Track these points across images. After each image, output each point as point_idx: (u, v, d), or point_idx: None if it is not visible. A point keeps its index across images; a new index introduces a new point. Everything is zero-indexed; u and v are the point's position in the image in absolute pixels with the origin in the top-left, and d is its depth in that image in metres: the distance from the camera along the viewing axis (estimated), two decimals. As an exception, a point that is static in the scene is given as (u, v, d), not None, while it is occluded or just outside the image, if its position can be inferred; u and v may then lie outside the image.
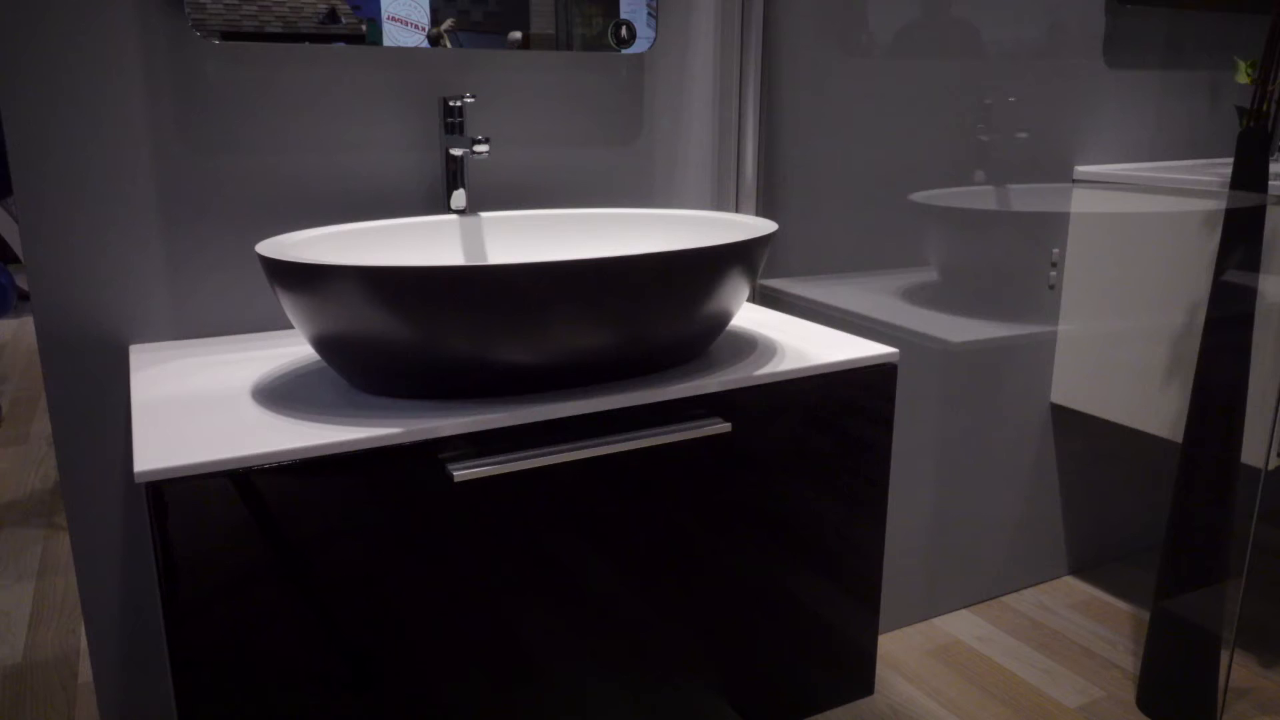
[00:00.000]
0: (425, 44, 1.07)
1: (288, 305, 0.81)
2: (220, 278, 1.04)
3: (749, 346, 1.01)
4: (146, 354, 0.97)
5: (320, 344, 0.82)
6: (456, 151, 1.08)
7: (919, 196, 1.48)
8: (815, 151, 1.38)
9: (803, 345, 1.01)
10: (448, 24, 1.08)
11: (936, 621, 1.69)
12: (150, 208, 0.99)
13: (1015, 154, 1.56)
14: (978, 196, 1.54)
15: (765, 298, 1.40)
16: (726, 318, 0.93)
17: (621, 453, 0.85)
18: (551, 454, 0.81)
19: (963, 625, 1.67)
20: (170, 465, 0.69)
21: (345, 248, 0.97)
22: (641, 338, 0.85)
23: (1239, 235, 1.30)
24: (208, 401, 0.82)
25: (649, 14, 1.19)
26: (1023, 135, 1.55)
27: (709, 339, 0.94)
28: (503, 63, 1.13)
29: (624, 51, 1.19)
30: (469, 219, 1.08)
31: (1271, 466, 1.39)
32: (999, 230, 1.58)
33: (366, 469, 0.75)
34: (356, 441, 0.75)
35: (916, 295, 1.53)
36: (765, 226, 0.98)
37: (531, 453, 0.80)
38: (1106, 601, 1.76)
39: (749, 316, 1.15)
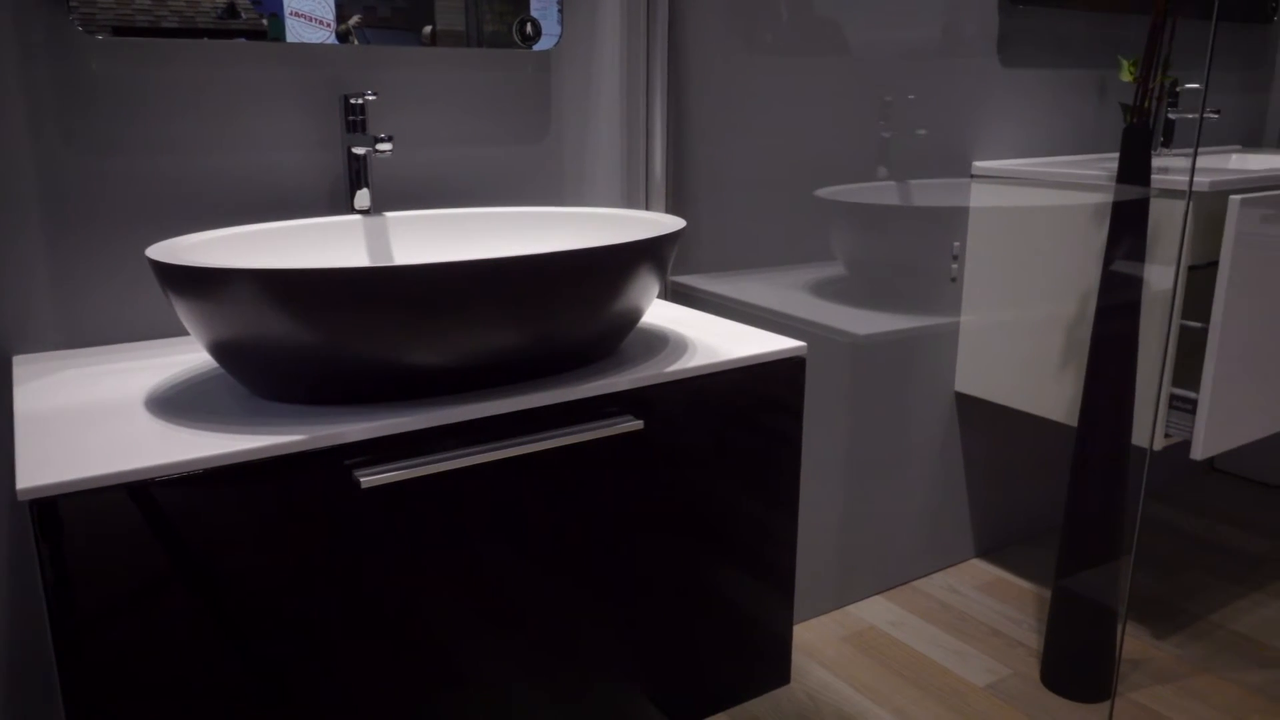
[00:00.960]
0: (332, 40, 1.04)
1: (182, 312, 0.78)
2: (110, 284, 0.99)
3: (660, 343, 1.01)
4: (31, 365, 0.92)
5: (217, 351, 0.79)
6: (359, 150, 1.05)
7: (824, 192, 1.51)
8: (724, 148, 1.39)
9: (713, 341, 1.02)
10: (354, 20, 1.05)
11: (851, 609, 1.72)
12: (32, 211, 0.94)
13: (916, 150, 1.60)
14: (881, 192, 1.58)
15: (677, 294, 1.40)
16: (637, 315, 0.93)
17: (533, 453, 0.85)
18: (461, 457, 0.79)
19: (876, 611, 1.71)
20: (57, 481, 0.66)
21: (242, 250, 0.94)
22: (551, 337, 0.84)
23: (1125, 227, 1.36)
24: (98, 413, 0.79)
25: (559, 11, 1.18)
26: (922, 132, 1.59)
27: (620, 337, 0.94)
28: (407, 59, 1.11)
29: (529, 49, 1.18)
30: (373, 219, 1.06)
31: (1159, 447, 1.46)
32: (902, 224, 1.62)
33: (270, 478, 0.73)
34: (258, 450, 0.72)
35: (824, 289, 1.56)
36: (674, 223, 0.99)
37: (440, 456, 0.79)
38: (1011, 582, 1.82)
39: (660, 313, 1.16)
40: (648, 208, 1.32)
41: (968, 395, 1.78)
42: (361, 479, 0.75)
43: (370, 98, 1.05)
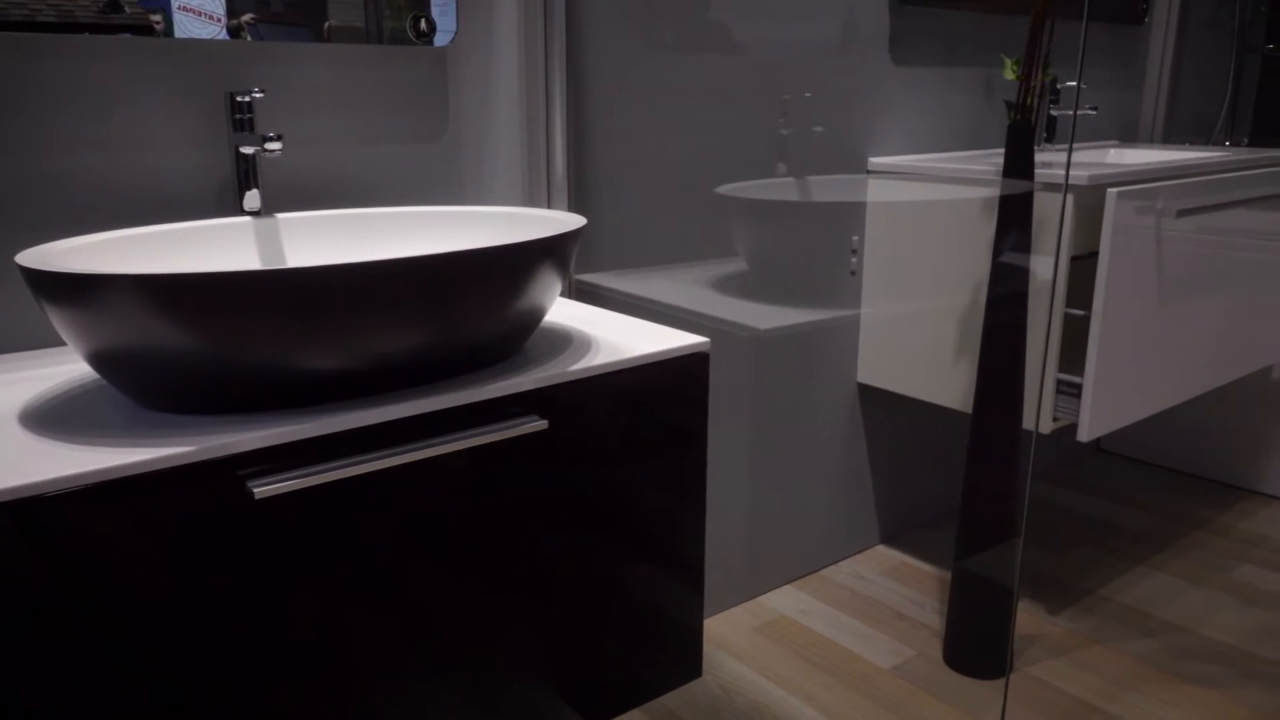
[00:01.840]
0: (224, 35, 1.00)
1: (58, 321, 0.74)
2: (-21, 292, 0.94)
3: (564, 342, 1.01)
4: (-109, 380, 0.87)
5: (98, 361, 0.75)
6: (247, 150, 1.02)
7: (725, 189, 1.52)
8: (626, 146, 1.39)
9: (617, 338, 1.02)
10: (248, 16, 1.02)
11: (762, 599, 1.75)
12: (-113, 216, 0.88)
13: (813, 147, 1.63)
14: (781, 188, 1.60)
15: (581, 292, 1.40)
16: (540, 314, 0.93)
17: (436, 457, 0.83)
18: (361, 463, 0.78)
19: (786, 600, 1.74)
20: (-81, 503, 0.62)
21: (123, 255, 0.90)
22: (452, 338, 0.83)
23: (1012, 219, 1.41)
24: (-34, 430, 0.74)
25: (455, 7, 1.16)
26: (819, 129, 1.62)
27: (523, 336, 0.93)
28: (300, 56, 1.08)
29: (424, 45, 1.16)
30: (264, 221, 1.02)
31: (1047, 431, 1.53)
32: (801, 220, 1.65)
33: (158, 492, 0.70)
34: (144, 463, 0.69)
35: (727, 285, 1.57)
36: (574, 221, 0.98)
37: (338, 463, 0.77)
38: (914, 566, 1.87)
39: (564, 312, 1.15)
40: (550, 206, 1.31)
41: (869, 386, 1.83)
42: (255, 489, 0.72)
43: (257, 95, 1.01)
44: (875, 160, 1.72)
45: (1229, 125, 2.55)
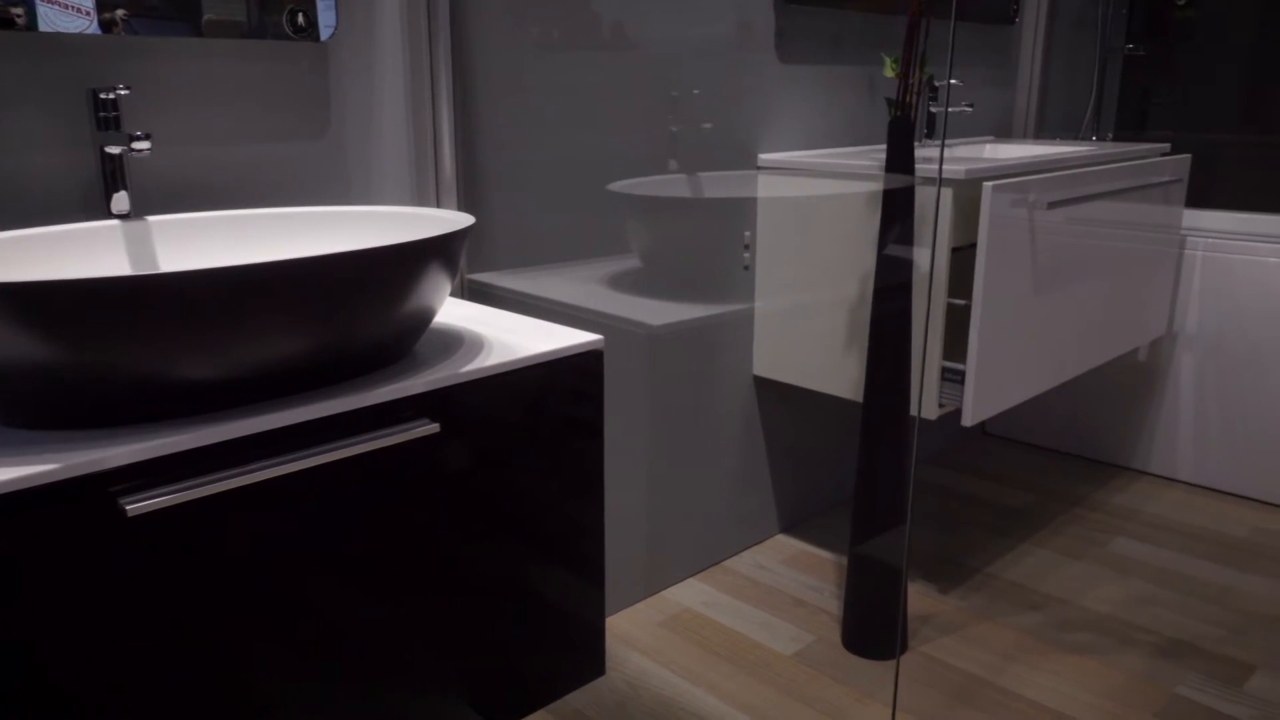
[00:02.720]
0: (95, 30, 0.95)
1: (-99, 333, 0.69)
2: None
3: (456, 343, 0.99)
4: None
5: (-51, 375, 0.71)
6: (113, 149, 0.97)
7: (617, 186, 1.53)
8: (516, 143, 1.38)
9: (510, 338, 1.01)
10: (121, 11, 0.96)
11: (665, 594, 1.76)
12: None
13: (704, 143, 1.64)
14: (672, 185, 1.62)
15: (474, 292, 1.38)
16: (429, 315, 0.91)
17: (324, 465, 0.81)
18: (242, 475, 0.75)
19: (689, 593, 1.76)
20: None
21: (-22, 262, 0.85)
22: (337, 342, 0.81)
23: (895, 213, 1.46)
24: None
25: (337, 2, 1.13)
26: (707, 126, 1.64)
27: (412, 338, 0.91)
28: (173, 51, 1.03)
29: (303, 40, 1.13)
30: (134, 224, 0.98)
31: (934, 417, 1.58)
32: (693, 216, 1.66)
33: (22, 513, 0.66)
34: (9, 483, 0.65)
35: (621, 282, 1.58)
36: (463, 220, 0.97)
37: (219, 475, 0.74)
38: (813, 553, 1.91)
39: (456, 312, 1.13)
40: (439, 205, 1.29)
41: (765, 378, 1.86)
42: (128, 507, 0.69)
43: (123, 92, 0.97)
44: (765, 156, 1.74)
45: (1095, 121, 2.69)
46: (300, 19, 1.12)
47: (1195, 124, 2.63)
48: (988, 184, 1.45)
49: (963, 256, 1.57)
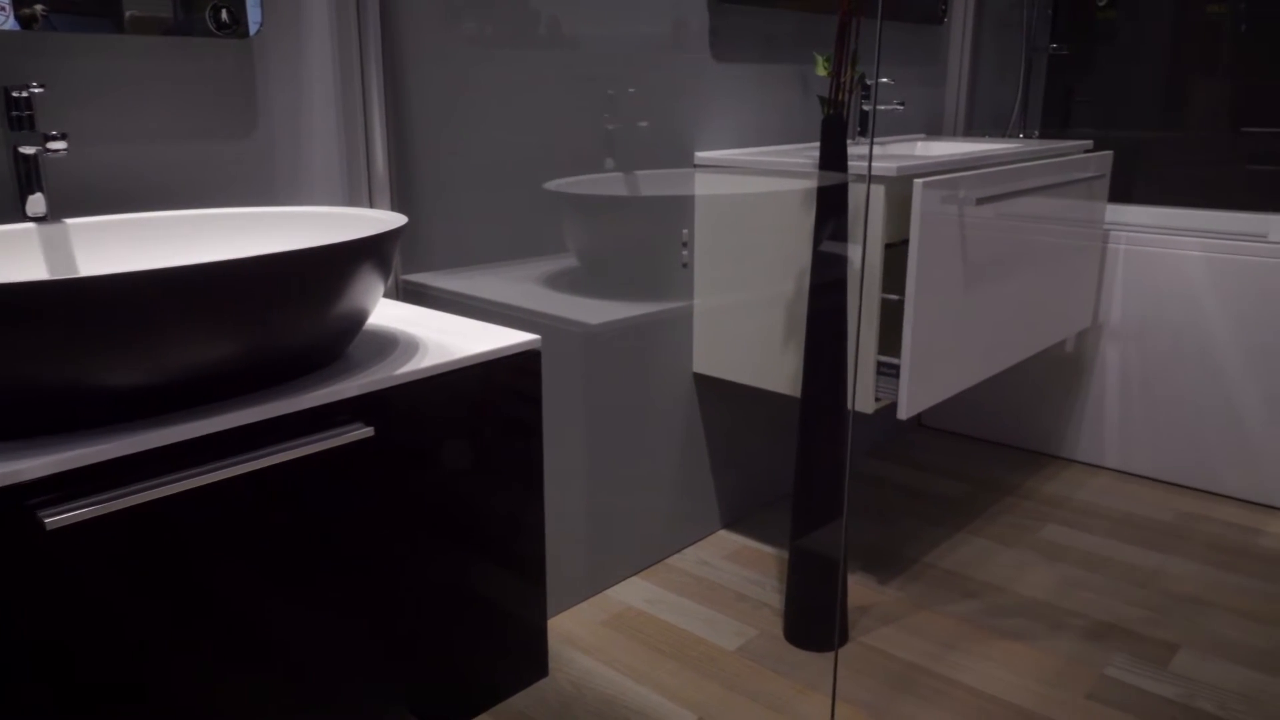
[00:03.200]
0: (13, 25, 0.92)
1: None
2: None
3: (390, 345, 0.98)
4: None
5: None
6: (27, 150, 0.94)
7: (553, 185, 1.52)
8: (451, 142, 1.36)
9: (446, 339, 1.00)
10: (40, 6, 0.93)
11: (609, 592, 1.76)
12: None
13: (640, 142, 1.65)
14: (609, 183, 1.61)
15: (409, 293, 1.37)
16: (361, 317, 0.90)
17: (255, 471, 0.79)
18: (168, 484, 0.73)
19: (633, 592, 1.76)
20: None
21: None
22: (266, 346, 0.79)
23: (829, 210, 1.48)
24: None
25: (254, -2, 1.11)
26: (643, 124, 1.64)
27: (345, 341, 0.90)
28: (92, 48, 1.00)
29: (227, 37, 1.10)
30: (51, 227, 0.94)
31: (870, 410, 1.60)
32: (631, 214, 1.66)
33: (-72, 529, 0.63)
34: (-89, 498, 0.62)
35: (558, 281, 1.57)
36: (395, 220, 0.96)
37: (143, 485, 0.72)
38: (754, 548, 1.93)
39: (390, 313, 1.12)
40: (372, 205, 1.27)
41: (705, 375, 1.87)
42: (47, 520, 0.67)
43: (36, 90, 0.93)
44: (701, 154, 1.75)
45: (1022, 119, 2.76)
46: (224, 15, 1.09)
47: (1116, 121, 2.71)
48: (918, 181, 1.48)
49: (897, 252, 1.60)
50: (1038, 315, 1.94)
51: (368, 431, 0.85)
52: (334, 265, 0.80)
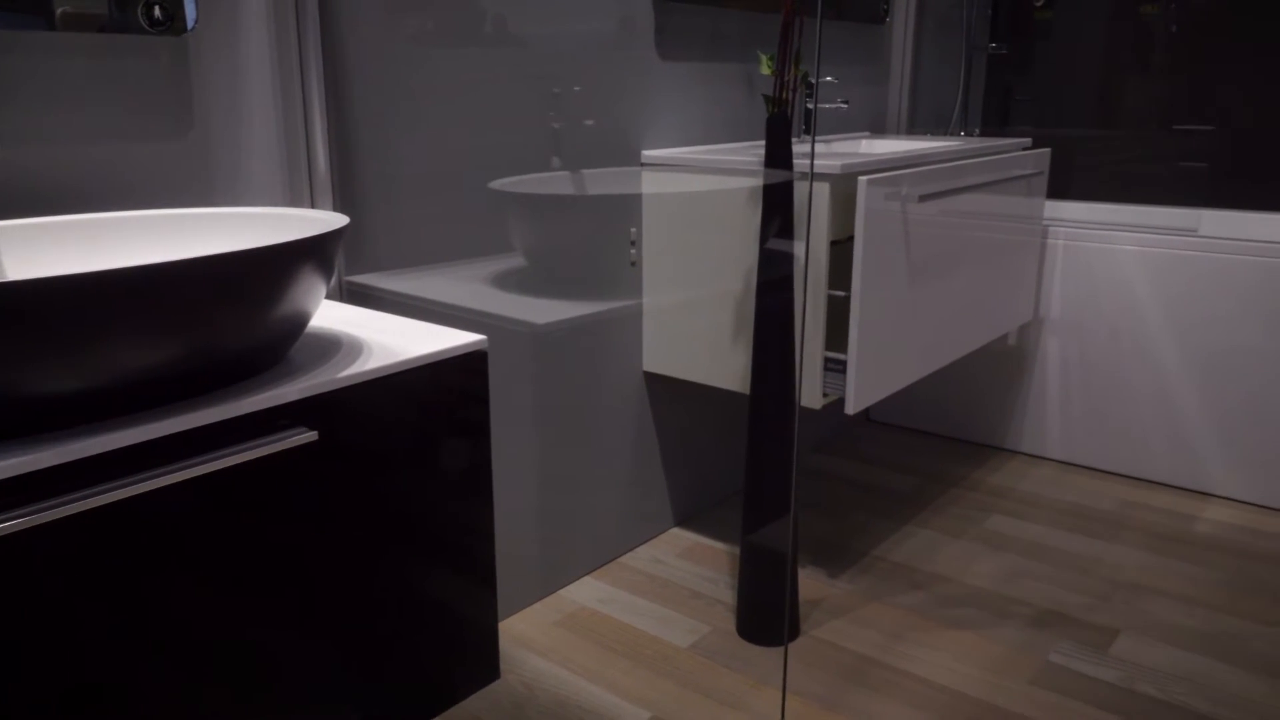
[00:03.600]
0: None
1: None
2: None
3: (333, 347, 0.96)
4: None
5: None
6: (-50, 150, 0.91)
7: (499, 184, 1.51)
8: (395, 141, 1.35)
9: (391, 340, 0.99)
10: None
11: (562, 592, 1.76)
12: None
13: (586, 140, 1.64)
14: (555, 182, 1.61)
15: (353, 294, 1.35)
16: (303, 320, 0.88)
17: (194, 479, 0.77)
18: (102, 494, 0.71)
19: (586, 591, 1.76)
20: None
21: None
22: (203, 351, 0.77)
23: (775, 208, 1.49)
24: None
25: (188, -6, 1.08)
26: (590, 123, 1.64)
27: (286, 344, 0.88)
28: (21, 45, 0.97)
29: (162, 34, 1.08)
30: (-23, 230, 0.91)
31: (818, 406, 1.62)
32: (578, 213, 1.66)
33: None
34: None
35: (505, 281, 1.56)
36: (336, 220, 0.94)
37: (76, 496, 0.70)
38: (707, 545, 1.94)
39: (333, 315, 1.10)
40: (313, 205, 1.25)
41: (655, 374, 1.87)
42: (-26, 532, 0.65)
43: (-41, 89, 0.90)
44: (648, 153, 1.75)
45: (963, 117, 2.80)
46: (157, 12, 1.07)
47: (1054, 119, 2.77)
48: (863, 178, 1.49)
49: (843, 249, 1.61)
50: (980, 310, 1.97)
51: (311, 436, 0.84)
52: (274, 267, 0.79)
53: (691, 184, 1.70)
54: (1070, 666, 1.53)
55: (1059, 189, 2.73)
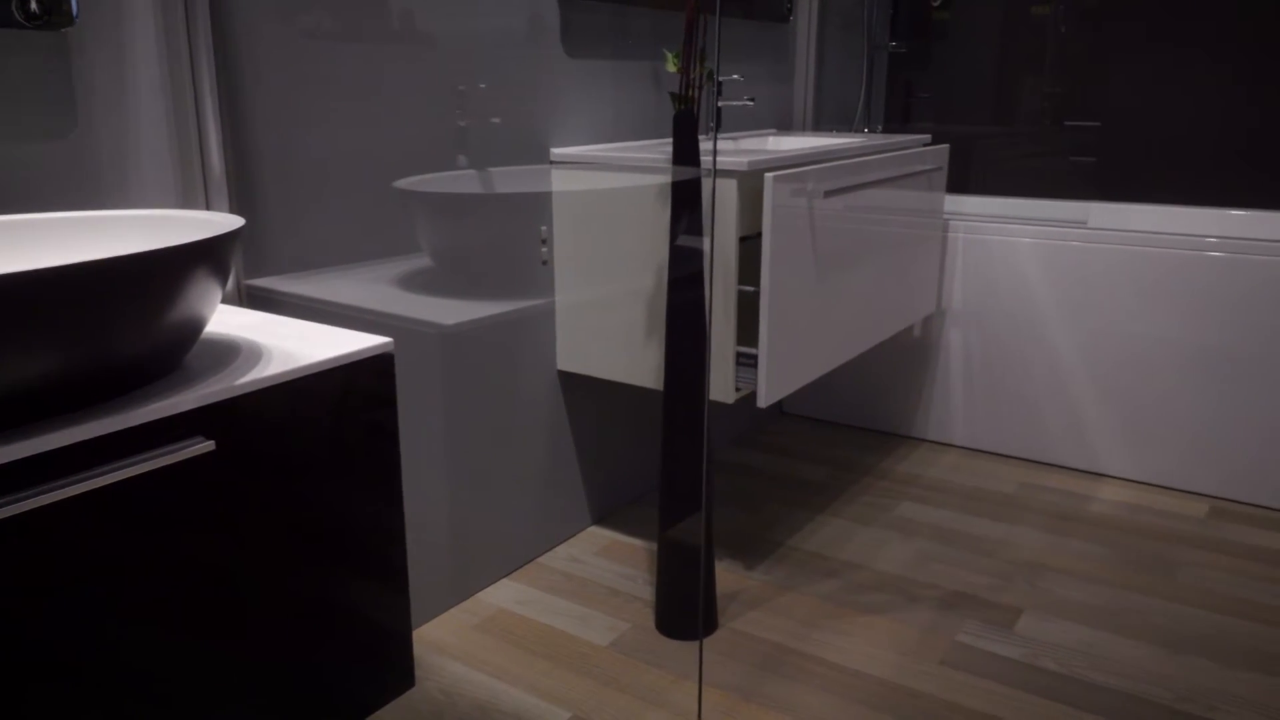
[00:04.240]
0: None
1: None
2: None
3: (232, 354, 0.93)
4: None
5: None
6: None
7: (404, 183, 1.48)
8: (294, 139, 1.31)
9: (292, 345, 0.96)
10: None
11: (480, 596, 1.74)
12: None
13: (494, 138, 1.63)
14: (462, 181, 1.59)
15: (253, 298, 1.31)
16: (198, 326, 0.85)
17: (85, 494, 0.74)
18: (-18, 511, 0.67)
19: (504, 594, 1.74)
20: None
21: None
22: (93, 360, 0.74)
23: (683, 204, 1.50)
24: None
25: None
26: (496, 120, 1.62)
27: (180, 351, 0.85)
28: None
29: (40, 29, 1.02)
30: None
31: (731, 400, 1.64)
32: (487, 212, 1.64)
33: None
34: None
35: (412, 282, 1.54)
36: (232, 222, 0.91)
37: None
38: (625, 542, 1.94)
39: (233, 320, 1.07)
40: (209, 206, 1.21)
41: (569, 373, 1.86)
42: None
43: None
44: (557, 151, 1.75)
45: (867, 114, 2.87)
46: (33, 5, 1.02)
47: (952, 116, 2.85)
48: (769, 175, 1.51)
49: (752, 245, 1.63)
50: (886, 302, 2.02)
51: (208, 446, 0.81)
52: (165, 272, 0.76)
53: (601, 181, 1.70)
54: (977, 646, 1.58)
55: (958, 184, 2.82)
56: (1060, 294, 2.23)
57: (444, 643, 1.59)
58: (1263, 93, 2.37)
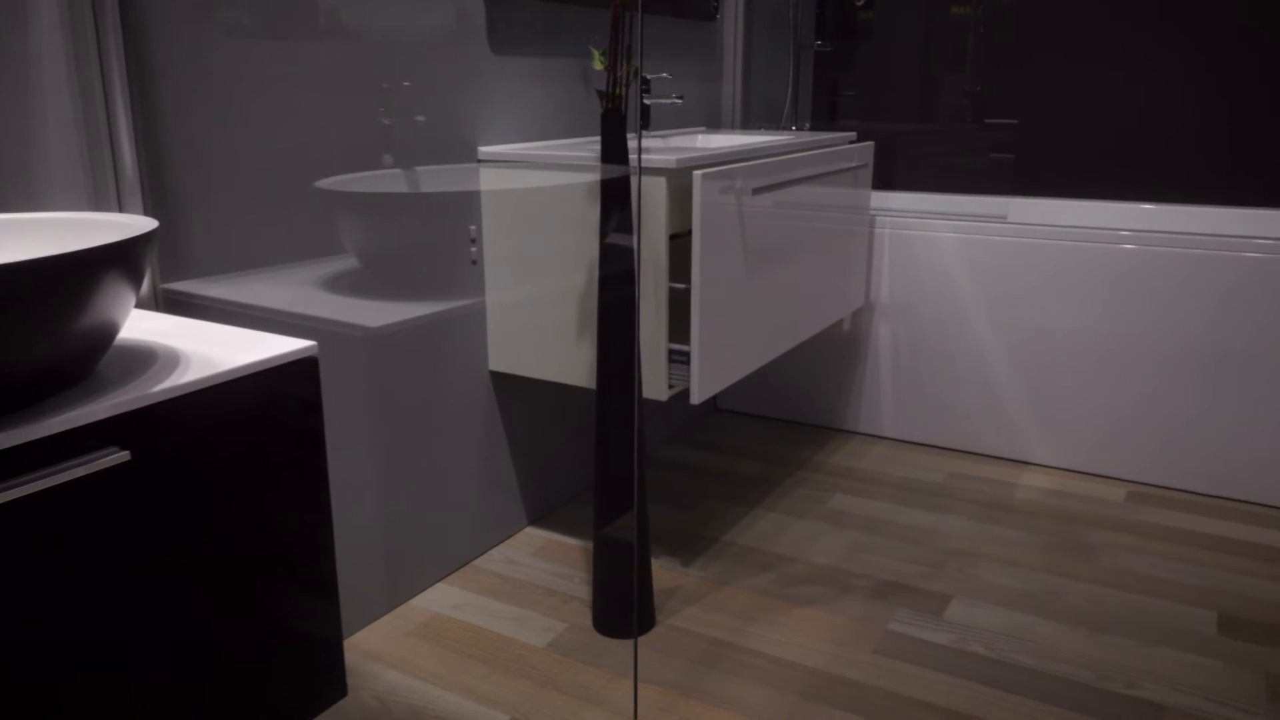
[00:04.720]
0: None
1: None
2: None
3: (147, 360, 0.90)
4: None
5: None
6: None
7: (326, 183, 1.45)
8: (211, 139, 1.28)
9: (212, 350, 0.93)
10: None
11: (414, 601, 1.71)
12: None
13: (420, 137, 1.60)
14: (387, 180, 1.56)
15: (170, 303, 1.27)
16: (110, 333, 0.82)
17: (-11, 509, 0.71)
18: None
19: (439, 598, 1.72)
20: None
21: None
22: (-6, 369, 0.71)
23: (613, 202, 1.49)
24: None
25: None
26: (421, 119, 1.60)
27: (92, 359, 0.82)
28: None
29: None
30: None
31: (665, 397, 1.64)
32: (413, 212, 1.62)
33: None
34: None
35: (338, 284, 1.51)
36: (144, 224, 0.88)
37: None
38: (561, 542, 1.94)
39: (148, 326, 1.03)
40: (121, 209, 1.17)
41: (501, 373, 1.85)
42: None
43: None
44: (485, 149, 1.73)
45: (794, 112, 2.90)
46: (-73, -1, 0.97)
47: (876, 114, 2.90)
48: (698, 173, 1.52)
49: (682, 242, 1.64)
50: (816, 297, 2.05)
51: (123, 456, 0.78)
52: (75, 276, 0.73)
53: (530, 180, 1.69)
54: (908, 633, 1.62)
55: (883, 180, 2.87)
56: (983, 287, 2.28)
57: (378, 650, 1.57)
58: (1175, 90, 2.46)
